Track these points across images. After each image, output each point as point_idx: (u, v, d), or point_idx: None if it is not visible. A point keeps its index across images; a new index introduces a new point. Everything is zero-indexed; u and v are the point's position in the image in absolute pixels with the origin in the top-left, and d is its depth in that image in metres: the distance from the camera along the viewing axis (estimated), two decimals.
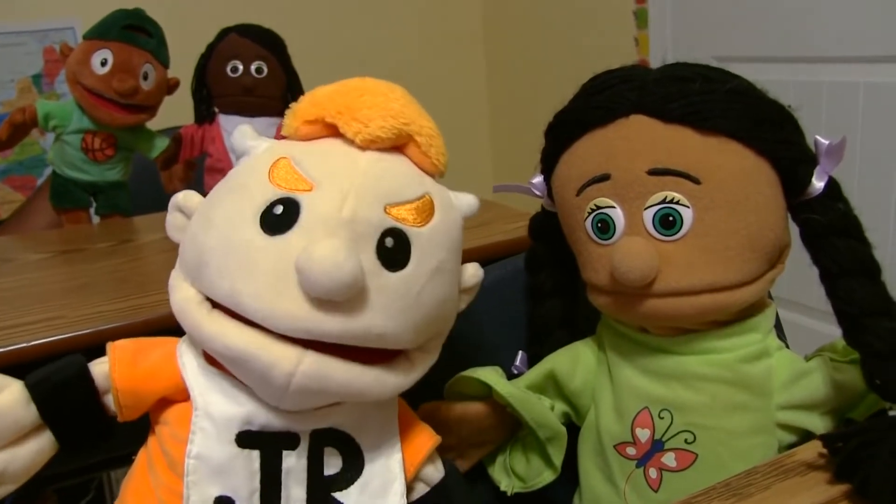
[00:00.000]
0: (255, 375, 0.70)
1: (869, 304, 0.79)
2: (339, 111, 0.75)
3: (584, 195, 0.85)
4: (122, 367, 0.75)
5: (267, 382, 0.69)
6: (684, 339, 0.86)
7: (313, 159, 0.74)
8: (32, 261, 1.50)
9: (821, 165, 0.82)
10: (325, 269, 0.64)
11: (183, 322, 0.73)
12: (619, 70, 0.87)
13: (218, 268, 0.70)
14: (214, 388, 0.74)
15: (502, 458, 1.01)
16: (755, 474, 0.76)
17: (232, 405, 0.74)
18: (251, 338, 0.68)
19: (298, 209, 0.70)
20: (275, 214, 0.70)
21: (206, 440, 0.73)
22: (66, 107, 1.73)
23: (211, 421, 0.73)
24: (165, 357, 0.77)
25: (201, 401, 0.74)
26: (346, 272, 0.65)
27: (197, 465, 0.73)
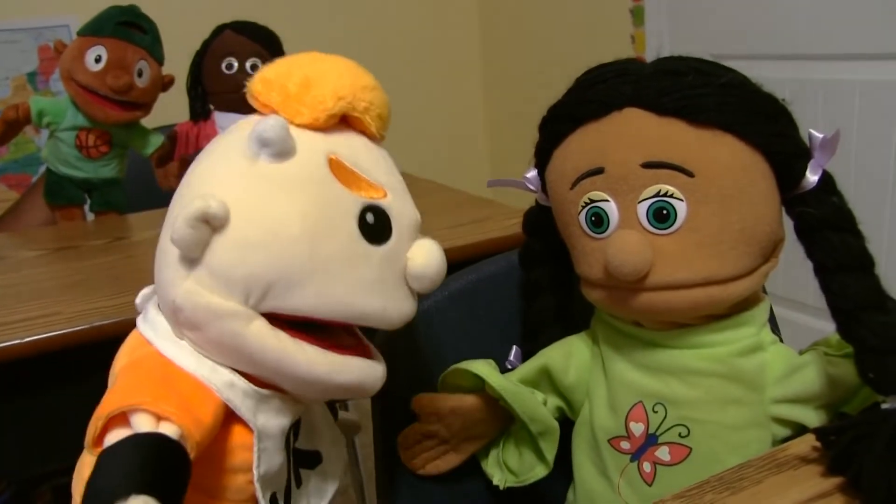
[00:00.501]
0: (346, 394, 0.78)
1: (863, 298, 0.79)
2: (367, 108, 0.76)
3: (577, 189, 0.84)
4: (189, 416, 0.66)
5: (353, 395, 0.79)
6: (678, 333, 0.86)
7: (359, 157, 0.76)
8: (27, 258, 1.50)
9: (815, 159, 0.82)
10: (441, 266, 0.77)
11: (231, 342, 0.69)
12: (613, 64, 0.87)
13: (327, 287, 0.70)
14: (262, 408, 0.73)
15: (495, 452, 1.01)
16: (748, 468, 0.76)
17: (282, 418, 0.75)
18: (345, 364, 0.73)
19: (386, 217, 0.74)
20: (369, 223, 0.72)
21: (268, 458, 0.73)
22: (60, 103, 1.73)
23: (271, 439, 0.74)
24: (199, 387, 0.70)
25: (258, 424, 0.72)
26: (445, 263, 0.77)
27: (264, 482, 0.73)
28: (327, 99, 0.73)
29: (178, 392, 0.68)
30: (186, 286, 0.69)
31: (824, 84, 2.22)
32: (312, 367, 0.71)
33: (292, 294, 0.69)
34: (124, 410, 0.64)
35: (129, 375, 0.70)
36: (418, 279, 0.75)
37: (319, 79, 0.74)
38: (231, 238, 0.68)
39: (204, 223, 0.67)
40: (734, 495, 0.72)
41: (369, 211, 0.72)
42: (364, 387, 0.75)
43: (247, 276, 0.68)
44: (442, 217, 1.57)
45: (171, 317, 0.72)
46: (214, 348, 0.71)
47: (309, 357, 0.71)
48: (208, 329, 0.69)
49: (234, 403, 0.70)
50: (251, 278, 0.68)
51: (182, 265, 0.70)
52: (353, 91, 0.74)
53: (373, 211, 0.72)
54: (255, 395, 0.72)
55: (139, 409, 0.64)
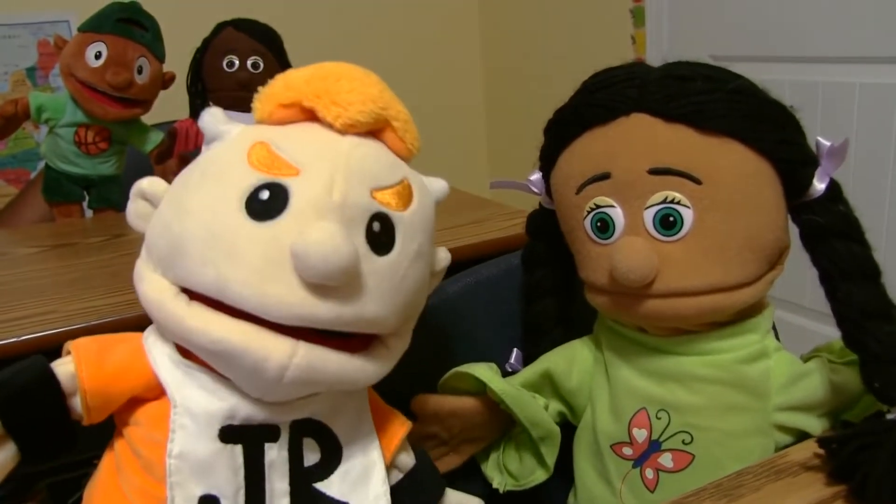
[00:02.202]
0: (245, 369, 0.68)
1: (868, 307, 0.78)
2: (317, 95, 0.73)
3: (583, 194, 0.84)
4: (88, 366, 0.71)
5: (258, 376, 0.67)
6: (683, 339, 0.86)
7: (293, 143, 0.72)
8: (24, 255, 1.49)
9: (822, 167, 0.81)
10: (323, 253, 0.64)
11: (157, 316, 0.70)
12: (620, 68, 0.87)
13: (201, 257, 0.67)
14: (192, 383, 0.72)
15: (496, 456, 1.01)
16: (746, 475, 0.77)
17: (213, 400, 0.71)
18: (241, 331, 0.66)
19: (287, 194, 0.68)
20: (261, 200, 0.68)
21: (187, 438, 0.71)
22: (59, 99, 1.72)
23: (191, 418, 0.71)
24: (133, 352, 0.73)
25: (179, 397, 0.71)
26: (344, 256, 0.64)
27: (179, 465, 0.70)
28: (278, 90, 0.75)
29: (108, 349, 0.73)
30: (141, 257, 0.74)
31: (824, 86, 2.22)
32: (185, 318, 0.68)
33: (180, 265, 0.69)
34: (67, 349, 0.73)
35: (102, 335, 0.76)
36: (295, 258, 0.65)
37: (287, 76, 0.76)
38: (158, 212, 0.74)
39: (141, 199, 0.75)
40: (732, 502, 0.73)
41: (266, 188, 0.68)
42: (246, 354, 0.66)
43: (155, 244, 0.72)
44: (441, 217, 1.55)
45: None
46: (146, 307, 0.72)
47: (192, 312, 0.68)
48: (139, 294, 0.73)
49: (159, 371, 0.72)
50: (155, 247, 0.72)
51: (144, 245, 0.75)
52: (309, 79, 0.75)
53: (270, 188, 0.68)
54: (181, 366, 0.72)
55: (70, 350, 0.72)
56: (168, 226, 0.71)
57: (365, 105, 0.73)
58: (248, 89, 1.74)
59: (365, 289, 0.69)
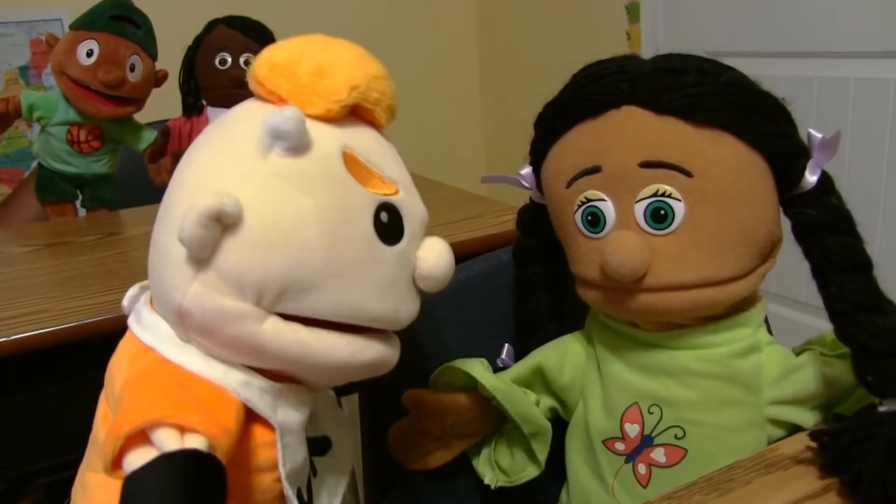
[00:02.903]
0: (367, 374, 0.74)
1: (861, 300, 0.78)
2: (378, 100, 0.73)
3: (574, 187, 0.84)
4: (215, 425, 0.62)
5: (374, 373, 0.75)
6: (675, 333, 0.85)
7: (374, 154, 0.74)
8: (17, 254, 1.49)
9: (814, 159, 0.81)
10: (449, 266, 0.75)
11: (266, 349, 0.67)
12: (611, 60, 0.86)
13: (340, 288, 0.67)
14: (282, 403, 0.71)
15: (487, 452, 1.00)
16: (737, 468, 0.77)
17: (300, 410, 0.73)
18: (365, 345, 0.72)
19: (399, 215, 0.73)
20: (384, 223, 0.70)
21: (292, 453, 0.72)
22: (51, 98, 1.71)
23: (293, 434, 0.72)
24: (215, 391, 0.67)
25: (279, 420, 0.70)
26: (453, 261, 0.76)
27: (290, 479, 0.71)
28: (341, 89, 0.70)
29: (197, 398, 0.64)
30: (194, 289, 0.65)
31: (818, 81, 2.22)
32: (336, 352, 0.69)
33: (307, 298, 0.66)
34: (143, 428, 0.59)
35: (139, 387, 0.65)
36: (428, 280, 0.74)
37: (332, 66, 0.70)
38: (243, 238, 0.64)
39: (216, 222, 0.63)
40: (723, 496, 0.73)
41: (383, 209, 0.70)
42: (385, 363, 0.75)
43: (260, 279, 0.65)
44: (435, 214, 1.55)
45: (177, 321, 0.68)
46: (229, 350, 0.67)
47: (329, 344, 0.69)
48: (221, 332, 0.66)
49: (252, 402, 0.67)
50: (264, 281, 0.65)
51: (188, 267, 0.65)
52: (366, 81, 0.71)
53: (387, 209, 0.70)
54: (272, 390, 0.69)
55: (161, 424, 0.59)
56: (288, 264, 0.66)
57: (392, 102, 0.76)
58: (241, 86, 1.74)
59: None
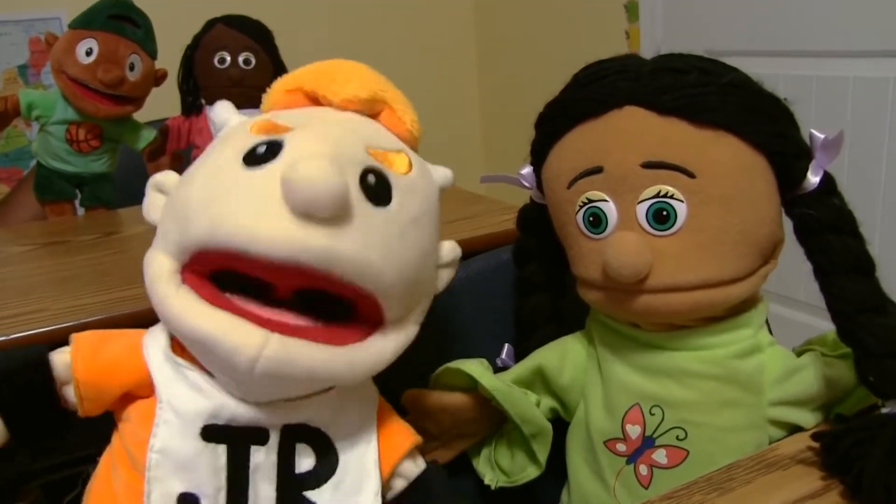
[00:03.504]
0: (219, 360, 0.67)
1: (863, 301, 0.78)
2: (317, 78, 0.78)
3: (575, 188, 0.84)
4: (83, 356, 0.74)
5: (231, 367, 0.66)
6: (676, 334, 0.85)
7: (295, 115, 0.76)
8: (15, 253, 1.48)
9: (816, 160, 0.81)
10: (311, 178, 0.63)
11: (152, 298, 0.71)
12: (613, 60, 0.86)
13: (198, 208, 0.69)
14: (180, 380, 0.72)
15: (487, 452, 1.00)
16: (737, 468, 0.77)
17: (199, 398, 0.72)
18: (216, 319, 0.66)
19: (281, 146, 0.70)
20: (258, 153, 0.70)
21: (170, 433, 0.71)
22: (50, 96, 1.71)
23: (175, 413, 0.71)
24: (130, 348, 0.75)
25: (166, 392, 0.72)
26: (332, 183, 0.63)
27: (160, 460, 0.70)
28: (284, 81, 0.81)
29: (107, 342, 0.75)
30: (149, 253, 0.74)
31: (817, 80, 2.22)
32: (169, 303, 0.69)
33: (185, 231, 0.69)
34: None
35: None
36: (285, 189, 0.64)
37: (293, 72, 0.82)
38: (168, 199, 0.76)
39: (156, 190, 0.78)
40: (723, 496, 0.73)
41: (262, 144, 0.70)
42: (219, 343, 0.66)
43: (163, 229, 0.74)
44: None
45: None
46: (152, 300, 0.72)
47: (176, 294, 0.69)
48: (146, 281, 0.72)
49: (149, 361, 0.74)
50: (165, 230, 0.73)
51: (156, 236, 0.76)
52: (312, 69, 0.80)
53: (266, 143, 0.70)
54: (171, 361, 0.73)
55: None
56: (176, 202, 0.73)
57: (364, 83, 0.78)
58: (240, 85, 1.74)
59: (358, 230, 0.67)
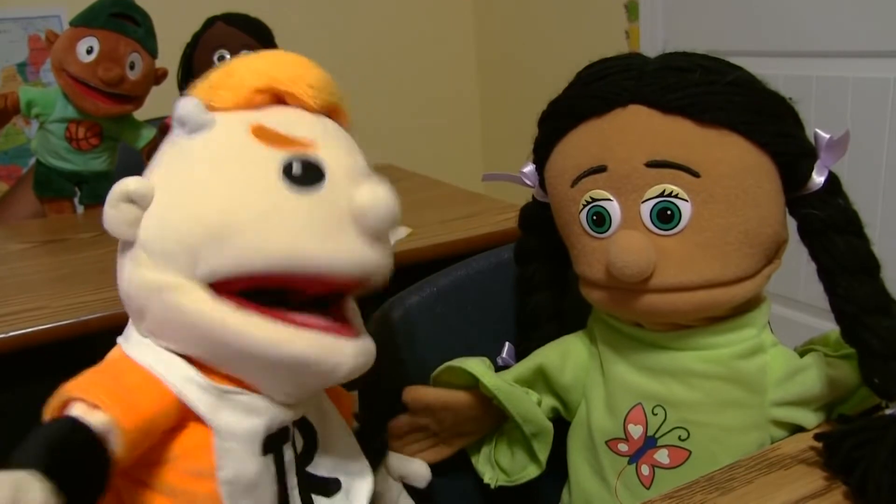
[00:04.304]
0: (309, 376, 0.72)
1: (868, 302, 0.78)
2: (293, 80, 0.76)
3: (578, 187, 0.83)
4: (121, 405, 0.64)
5: (321, 381, 0.74)
6: (679, 334, 0.85)
7: (289, 124, 0.74)
8: (15, 251, 1.49)
9: (821, 160, 0.81)
10: (387, 204, 0.70)
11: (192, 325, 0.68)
12: (616, 58, 0.86)
13: (257, 236, 0.67)
14: (228, 406, 0.71)
15: (487, 450, 1.00)
16: (738, 468, 0.77)
17: (253, 418, 0.72)
18: (303, 339, 0.69)
19: (320, 165, 0.71)
20: (297, 173, 0.70)
21: (235, 460, 0.70)
22: (49, 94, 1.71)
23: (236, 440, 0.70)
24: (147, 380, 0.69)
25: (216, 422, 0.69)
26: (395, 205, 0.71)
27: (232, 490, 0.70)
28: (245, 77, 0.75)
29: (122, 384, 0.68)
30: (127, 270, 0.71)
31: (817, 81, 2.22)
32: (249, 331, 0.68)
33: (224, 252, 0.67)
34: (64, 400, 0.65)
35: (84, 372, 0.69)
36: (361, 217, 0.70)
37: (241, 65, 0.77)
38: (156, 211, 0.70)
39: (127, 202, 0.69)
40: (724, 496, 0.73)
41: (295, 161, 0.70)
42: (321, 363, 0.70)
43: (176, 242, 0.68)
44: (433, 212, 1.57)
45: (128, 310, 0.73)
46: (161, 328, 0.70)
47: (247, 321, 0.68)
48: (152, 306, 0.69)
49: (188, 399, 0.69)
50: (181, 245, 0.68)
51: (123, 253, 0.72)
52: (274, 66, 0.76)
53: (299, 161, 0.71)
54: (213, 390, 0.70)
55: (74, 399, 0.65)
56: (194, 219, 0.69)
57: (331, 87, 0.78)
58: None
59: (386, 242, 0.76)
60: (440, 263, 1.06)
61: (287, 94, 0.76)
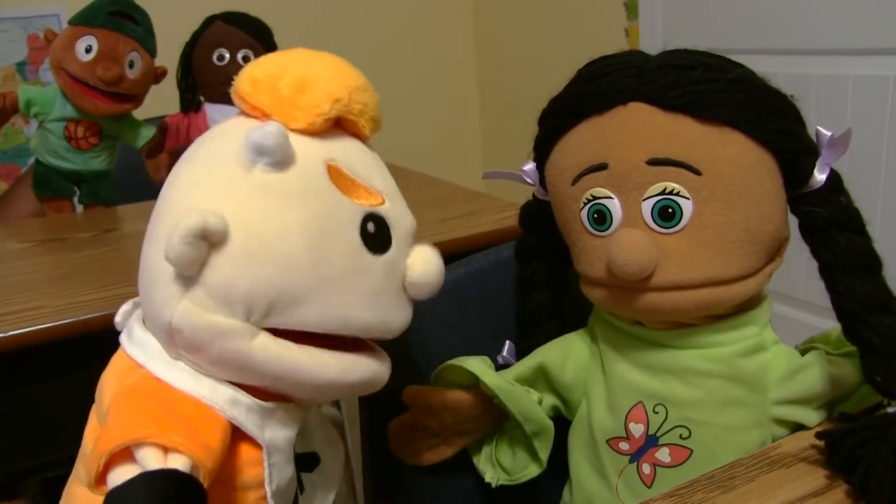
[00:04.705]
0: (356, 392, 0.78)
1: (869, 300, 0.78)
2: (361, 112, 0.73)
3: (579, 185, 0.83)
4: (197, 445, 0.62)
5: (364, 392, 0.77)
6: (680, 332, 0.85)
7: (359, 166, 0.74)
8: (14, 250, 1.49)
9: (822, 157, 0.80)
10: (439, 274, 0.76)
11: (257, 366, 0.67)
12: (617, 56, 0.85)
13: (329, 298, 0.68)
14: (271, 423, 0.71)
15: (488, 449, 1.00)
16: (739, 466, 0.77)
17: (288, 429, 0.73)
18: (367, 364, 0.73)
19: (386, 225, 0.72)
20: (370, 233, 0.70)
21: (279, 472, 0.71)
22: (48, 93, 1.71)
23: (280, 453, 0.72)
24: (201, 410, 0.67)
25: (263, 438, 0.70)
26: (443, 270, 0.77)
27: (277, 497, 0.71)
28: (323, 102, 0.70)
29: (182, 418, 0.64)
30: (183, 306, 0.66)
31: (817, 79, 2.22)
32: (325, 370, 0.69)
33: (296, 311, 0.67)
34: (128, 445, 0.60)
35: (126, 404, 0.65)
36: (418, 286, 0.74)
37: (313, 80, 0.71)
38: (230, 254, 0.65)
39: (202, 239, 0.63)
40: (725, 494, 0.73)
41: (370, 220, 0.70)
42: (374, 382, 0.75)
43: (248, 293, 0.65)
44: (433, 210, 1.57)
45: (167, 338, 0.68)
46: (218, 367, 0.68)
47: (319, 361, 0.69)
48: (210, 349, 0.66)
49: (239, 421, 0.68)
50: (252, 296, 0.65)
51: (177, 284, 0.66)
52: (348, 93, 0.71)
53: (373, 219, 0.71)
54: (259, 409, 0.70)
55: (145, 443, 0.60)
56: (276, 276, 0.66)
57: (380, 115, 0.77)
58: None
59: None
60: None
61: (348, 123, 0.74)
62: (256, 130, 0.66)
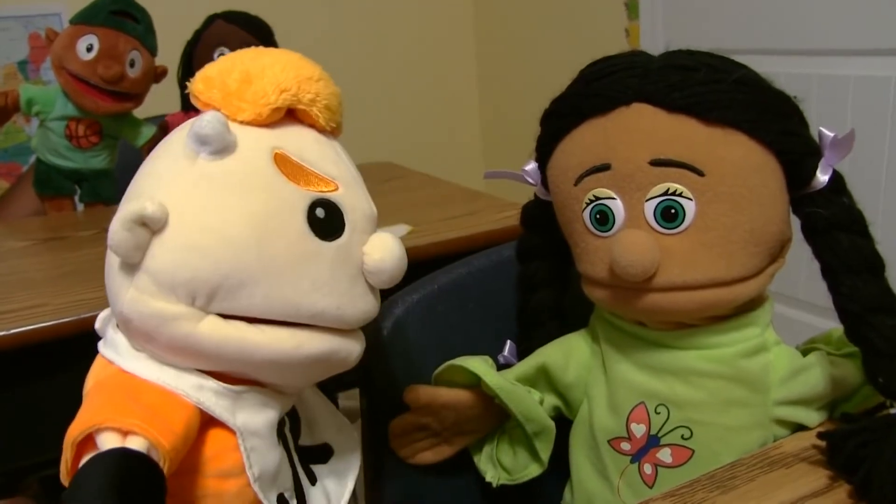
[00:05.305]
0: (325, 368, 0.74)
1: (872, 301, 0.78)
2: (313, 100, 0.74)
3: (582, 185, 0.83)
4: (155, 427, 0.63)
5: (335, 369, 0.75)
6: (682, 333, 0.85)
7: (309, 152, 0.73)
8: (15, 248, 1.49)
9: (825, 158, 0.80)
10: (400, 260, 0.74)
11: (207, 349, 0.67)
12: (620, 56, 0.85)
13: (281, 288, 0.68)
14: (243, 405, 0.71)
15: (489, 449, 1.00)
16: (740, 466, 0.77)
17: (268, 411, 0.73)
18: (326, 338, 0.72)
19: (339, 211, 0.72)
20: (320, 218, 0.70)
21: (261, 456, 0.71)
22: (49, 92, 1.71)
23: (257, 437, 0.71)
24: (165, 395, 0.68)
25: (235, 423, 0.70)
26: (405, 258, 0.75)
27: (262, 484, 0.71)
28: (269, 92, 0.71)
29: (144, 404, 0.65)
30: (130, 295, 0.67)
31: (818, 79, 2.22)
32: (278, 344, 0.69)
33: (241, 295, 0.67)
34: (90, 432, 0.61)
35: (91, 398, 0.68)
36: (375, 274, 0.73)
37: (260, 73, 0.72)
38: (171, 241, 0.66)
39: (140, 226, 0.65)
40: (725, 494, 0.73)
41: (319, 205, 0.70)
42: (338, 358, 0.73)
43: (190, 279, 0.66)
44: (433, 210, 1.57)
45: (124, 329, 0.71)
46: (172, 354, 0.69)
47: (272, 336, 0.68)
48: (159, 336, 0.67)
49: (206, 406, 0.68)
50: (195, 282, 0.66)
51: (124, 273, 0.68)
52: (296, 83, 0.72)
53: (323, 205, 0.70)
54: (228, 393, 0.70)
55: (103, 429, 0.61)
56: (216, 262, 0.66)
57: (341, 107, 0.78)
58: None
59: None
60: (441, 261, 1.06)
61: (302, 113, 0.74)
62: (197, 120, 0.68)
